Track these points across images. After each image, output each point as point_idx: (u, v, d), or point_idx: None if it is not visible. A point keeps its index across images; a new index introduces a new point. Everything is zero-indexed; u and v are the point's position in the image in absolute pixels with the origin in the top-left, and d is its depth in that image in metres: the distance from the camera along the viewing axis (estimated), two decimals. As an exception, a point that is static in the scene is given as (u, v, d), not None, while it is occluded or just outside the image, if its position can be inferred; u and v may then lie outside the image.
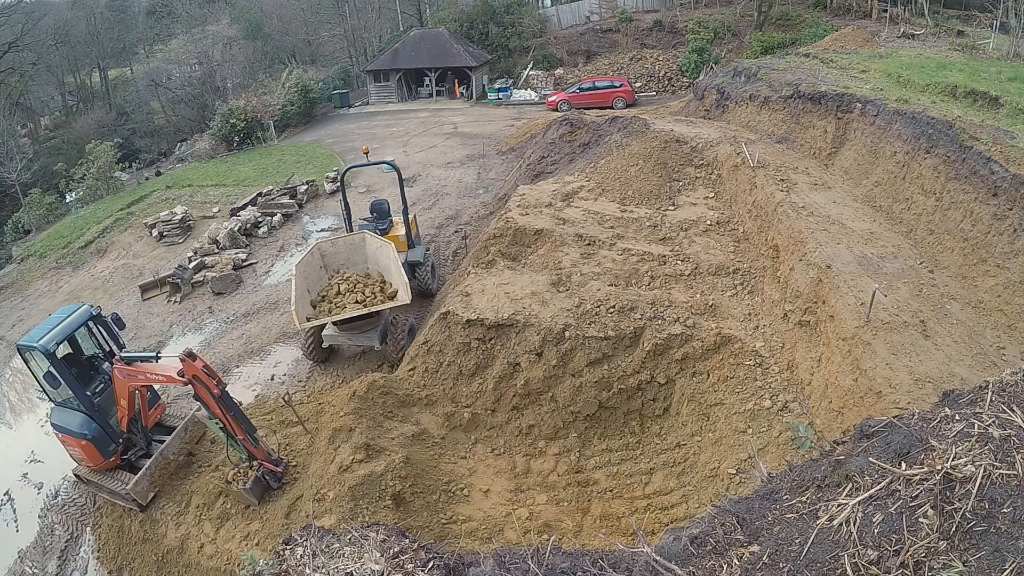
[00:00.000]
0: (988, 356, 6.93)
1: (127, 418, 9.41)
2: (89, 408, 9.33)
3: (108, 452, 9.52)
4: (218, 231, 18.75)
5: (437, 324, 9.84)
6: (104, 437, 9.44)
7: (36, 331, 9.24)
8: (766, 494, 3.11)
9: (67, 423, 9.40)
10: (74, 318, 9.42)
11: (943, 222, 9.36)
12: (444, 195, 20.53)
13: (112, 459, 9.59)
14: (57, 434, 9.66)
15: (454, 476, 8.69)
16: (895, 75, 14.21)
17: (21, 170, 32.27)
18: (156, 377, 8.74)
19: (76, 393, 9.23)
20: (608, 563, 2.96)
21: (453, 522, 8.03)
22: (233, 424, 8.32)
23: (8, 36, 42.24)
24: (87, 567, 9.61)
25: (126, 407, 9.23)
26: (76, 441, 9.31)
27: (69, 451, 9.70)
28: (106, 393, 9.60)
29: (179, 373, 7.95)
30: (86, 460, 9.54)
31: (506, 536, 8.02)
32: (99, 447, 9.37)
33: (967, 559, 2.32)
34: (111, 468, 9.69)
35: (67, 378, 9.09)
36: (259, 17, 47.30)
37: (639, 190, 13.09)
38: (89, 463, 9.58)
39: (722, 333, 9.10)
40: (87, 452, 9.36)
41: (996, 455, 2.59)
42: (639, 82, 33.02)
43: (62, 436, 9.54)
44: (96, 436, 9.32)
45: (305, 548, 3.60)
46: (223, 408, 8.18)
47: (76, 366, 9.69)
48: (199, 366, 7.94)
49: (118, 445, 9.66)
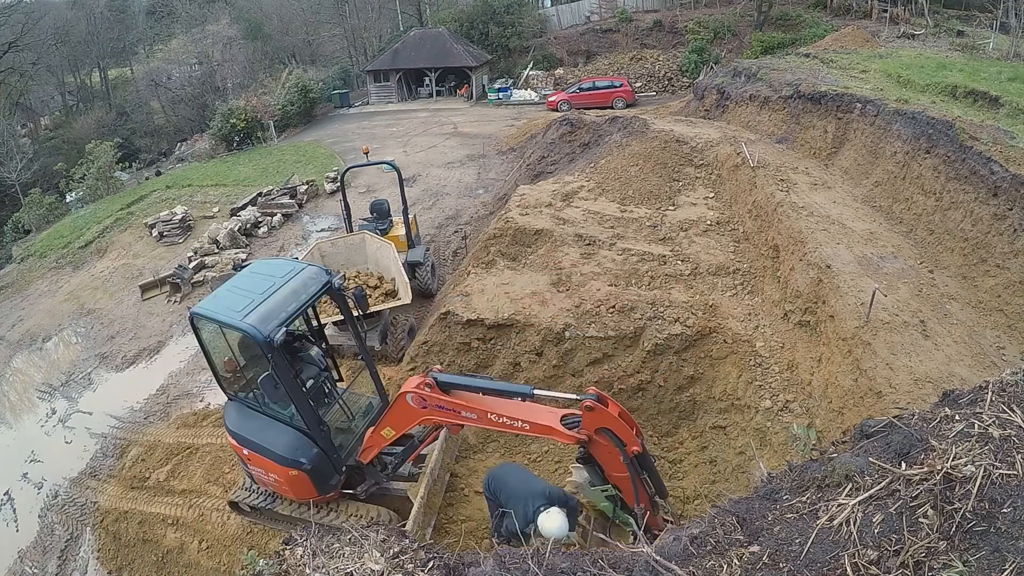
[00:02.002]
0: (988, 356, 6.93)
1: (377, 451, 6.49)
2: (315, 427, 6.22)
3: (328, 487, 6.53)
4: (218, 231, 18.75)
5: (437, 324, 9.84)
6: (327, 466, 6.39)
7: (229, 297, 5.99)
8: (766, 494, 3.12)
9: (264, 439, 6.34)
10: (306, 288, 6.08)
11: (943, 222, 9.36)
12: (444, 195, 20.54)
13: (331, 494, 6.70)
14: (240, 448, 6.57)
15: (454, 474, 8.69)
16: (895, 75, 14.21)
17: (21, 170, 32.30)
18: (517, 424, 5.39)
19: (300, 405, 6.07)
20: (608, 563, 2.96)
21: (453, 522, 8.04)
22: (640, 490, 5.53)
23: (8, 36, 42.24)
24: (87, 567, 9.60)
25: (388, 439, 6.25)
26: (281, 469, 6.28)
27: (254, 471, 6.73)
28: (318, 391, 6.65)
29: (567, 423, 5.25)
30: (287, 491, 6.58)
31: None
32: (316, 480, 6.34)
33: (967, 559, 2.32)
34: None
35: (291, 384, 5.92)
36: (259, 17, 47.33)
37: (639, 190, 13.09)
38: (293, 496, 6.65)
39: (720, 331, 9.11)
40: (294, 485, 6.35)
41: (996, 455, 2.60)
42: (639, 82, 33.02)
43: (248, 453, 6.50)
44: (316, 466, 6.26)
45: (305, 548, 3.60)
46: (633, 471, 5.43)
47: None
48: (615, 413, 5.33)
49: (341, 476, 6.65)
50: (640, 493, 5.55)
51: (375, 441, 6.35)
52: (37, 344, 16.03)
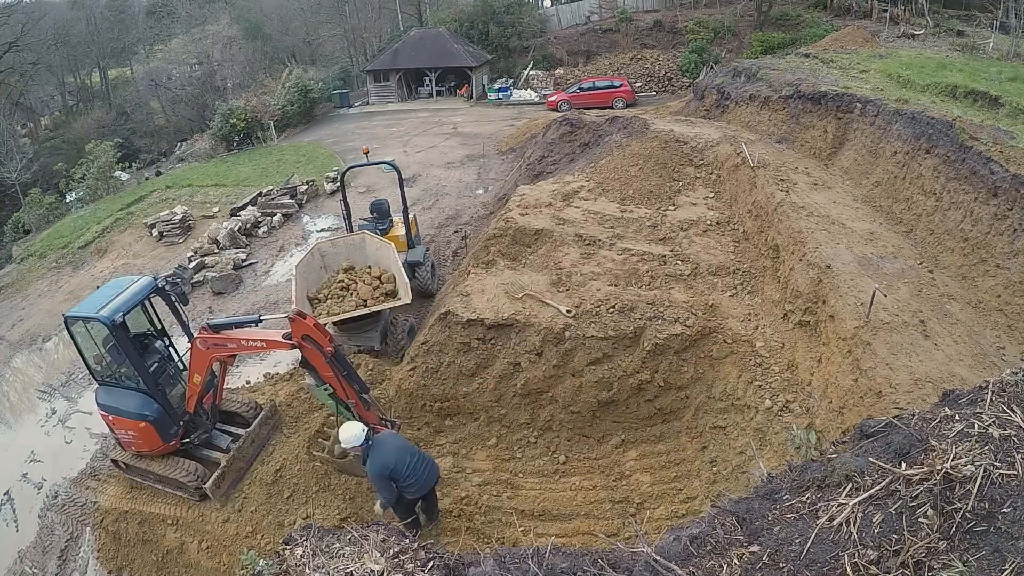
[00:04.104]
0: (988, 356, 6.93)
1: (196, 397, 8.59)
2: (152, 386, 8.56)
3: (169, 435, 8.77)
4: (218, 231, 18.75)
5: (437, 324, 9.84)
6: (166, 418, 8.68)
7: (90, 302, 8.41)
8: (766, 494, 3.12)
9: (120, 403, 8.63)
10: (139, 289, 8.64)
11: (943, 222, 9.36)
12: (444, 195, 20.54)
13: (173, 443, 8.86)
14: (105, 416, 8.90)
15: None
16: (895, 75, 14.21)
17: (21, 170, 32.29)
18: (254, 344, 7.78)
19: (139, 370, 8.47)
20: (608, 563, 2.97)
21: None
22: (346, 387, 7.41)
23: (8, 36, 42.23)
24: (87, 567, 9.59)
25: (199, 384, 8.35)
26: (132, 423, 8.54)
27: (118, 434, 8.98)
28: (163, 372, 8.97)
29: (285, 336, 7.11)
30: (141, 444, 8.75)
31: (506, 534, 8.03)
32: (160, 429, 8.61)
33: (967, 559, 2.32)
34: (167, 453, 8.98)
35: (131, 354, 8.36)
36: (259, 17, 47.36)
37: (639, 190, 13.09)
38: (144, 448, 8.82)
39: (720, 331, 9.11)
40: (145, 435, 8.58)
41: (996, 455, 2.60)
42: (639, 82, 33.02)
43: (113, 418, 8.78)
44: (158, 417, 8.56)
45: (305, 548, 3.60)
46: (335, 369, 7.27)
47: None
48: (311, 324, 7.08)
49: (179, 427, 8.90)
50: (347, 388, 7.41)
51: (190, 389, 8.55)
52: (37, 344, 16.01)
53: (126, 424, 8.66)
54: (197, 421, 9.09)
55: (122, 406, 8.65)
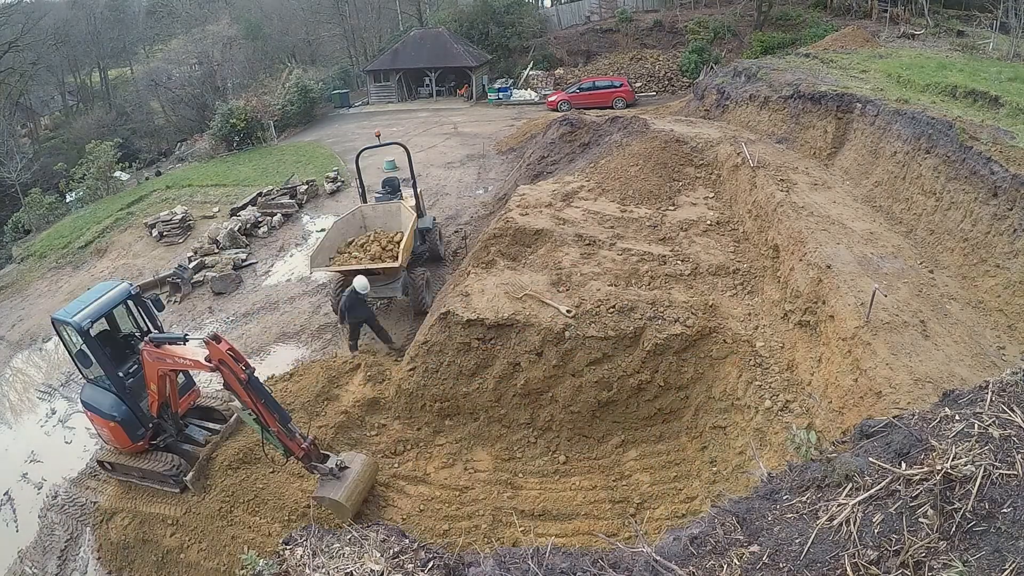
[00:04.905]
0: (988, 356, 6.92)
1: (158, 403, 9.01)
2: (120, 389, 9.02)
3: (136, 436, 9.21)
4: (218, 231, 18.75)
5: (437, 324, 9.84)
6: (133, 420, 9.12)
7: (73, 305, 8.92)
8: (766, 494, 3.11)
9: (97, 402, 9.14)
10: (112, 296, 9.07)
11: (943, 222, 9.36)
12: (444, 195, 20.54)
13: (140, 443, 9.31)
14: (86, 412, 9.50)
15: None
16: (895, 75, 14.21)
17: (21, 170, 32.28)
18: (183, 361, 8.11)
19: (108, 373, 8.97)
20: (608, 563, 2.97)
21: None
22: (265, 413, 7.52)
23: (8, 36, 42.19)
24: (87, 567, 9.59)
25: (156, 392, 8.78)
26: (104, 422, 9.10)
27: (97, 430, 9.61)
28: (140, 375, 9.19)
29: (206, 359, 7.42)
30: (113, 442, 9.35)
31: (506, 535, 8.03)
32: (127, 430, 9.07)
33: (967, 559, 2.32)
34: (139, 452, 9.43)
35: (100, 357, 8.82)
36: (259, 17, 47.36)
37: (639, 190, 13.09)
38: (116, 445, 9.41)
39: (720, 331, 9.10)
40: (115, 434, 9.12)
41: (996, 455, 2.59)
42: (639, 82, 33.01)
43: (91, 415, 9.36)
44: (125, 419, 9.02)
45: (305, 548, 3.60)
46: (252, 396, 7.43)
47: (111, 344, 9.45)
48: (224, 349, 7.27)
49: (147, 430, 9.33)
50: (266, 415, 7.49)
51: (150, 396, 8.95)
52: (37, 344, 16.01)
53: (100, 422, 9.25)
54: (163, 426, 9.53)
55: (98, 405, 9.14)
